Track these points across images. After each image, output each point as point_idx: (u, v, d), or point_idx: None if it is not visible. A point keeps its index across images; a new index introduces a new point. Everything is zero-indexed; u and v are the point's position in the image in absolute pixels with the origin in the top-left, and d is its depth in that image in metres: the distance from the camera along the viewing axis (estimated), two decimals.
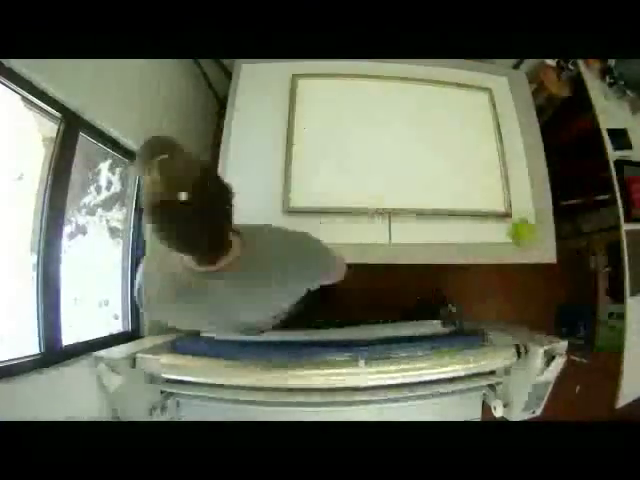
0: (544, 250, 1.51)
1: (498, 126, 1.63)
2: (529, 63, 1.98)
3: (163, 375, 1.18)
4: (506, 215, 1.52)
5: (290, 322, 1.20)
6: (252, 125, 1.61)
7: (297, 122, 1.58)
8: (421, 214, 1.49)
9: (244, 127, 1.61)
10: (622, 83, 1.78)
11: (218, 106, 2.25)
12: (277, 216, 1.46)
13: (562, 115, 2.19)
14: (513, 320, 2.26)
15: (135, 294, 0.87)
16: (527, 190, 1.59)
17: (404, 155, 1.58)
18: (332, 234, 1.38)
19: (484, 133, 1.64)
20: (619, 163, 1.68)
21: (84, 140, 1.25)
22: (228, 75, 1.80)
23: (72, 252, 1.36)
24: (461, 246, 1.49)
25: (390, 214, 1.49)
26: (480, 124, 1.65)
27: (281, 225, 0.89)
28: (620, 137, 1.73)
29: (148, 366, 1.14)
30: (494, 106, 1.67)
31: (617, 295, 1.85)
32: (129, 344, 1.29)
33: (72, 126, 1.17)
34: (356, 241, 1.45)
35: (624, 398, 1.53)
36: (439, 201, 1.51)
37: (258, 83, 1.67)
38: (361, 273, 1.33)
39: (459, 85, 1.70)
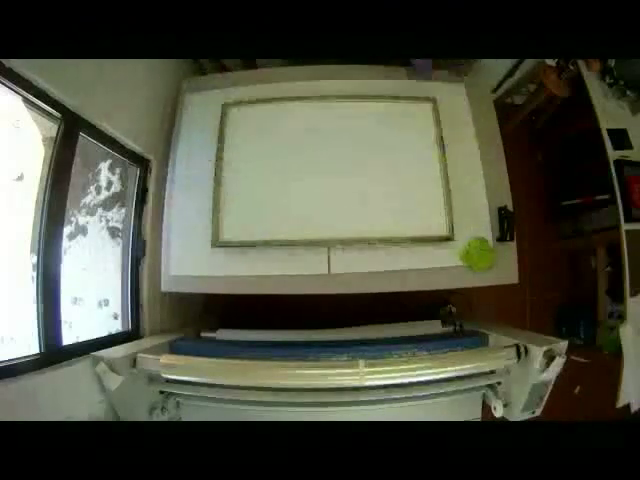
0: (504, 271, 1.40)
1: (442, 139, 1.46)
2: (529, 63, 1.98)
3: (163, 375, 1.18)
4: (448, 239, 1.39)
5: None
6: (188, 155, 1.55)
7: (228, 152, 1.49)
8: (361, 244, 1.38)
9: (181, 158, 1.56)
10: (622, 83, 1.78)
11: None
12: (207, 249, 1.41)
13: (562, 115, 2.19)
14: (513, 320, 2.28)
15: None
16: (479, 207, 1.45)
17: (343, 184, 1.44)
18: (267, 266, 1.37)
19: (426, 148, 1.47)
20: (619, 163, 1.68)
21: (84, 140, 1.25)
22: None
23: (72, 252, 1.36)
24: (410, 272, 1.38)
25: (329, 248, 1.40)
26: (423, 138, 1.48)
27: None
28: (620, 137, 1.72)
29: (148, 366, 1.14)
30: (438, 118, 1.49)
31: (617, 295, 1.85)
32: (129, 344, 1.29)
33: (72, 126, 1.17)
34: (294, 272, 1.38)
35: (624, 398, 1.53)
36: (380, 230, 1.39)
37: (197, 114, 1.61)
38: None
39: (396, 97, 1.52)
